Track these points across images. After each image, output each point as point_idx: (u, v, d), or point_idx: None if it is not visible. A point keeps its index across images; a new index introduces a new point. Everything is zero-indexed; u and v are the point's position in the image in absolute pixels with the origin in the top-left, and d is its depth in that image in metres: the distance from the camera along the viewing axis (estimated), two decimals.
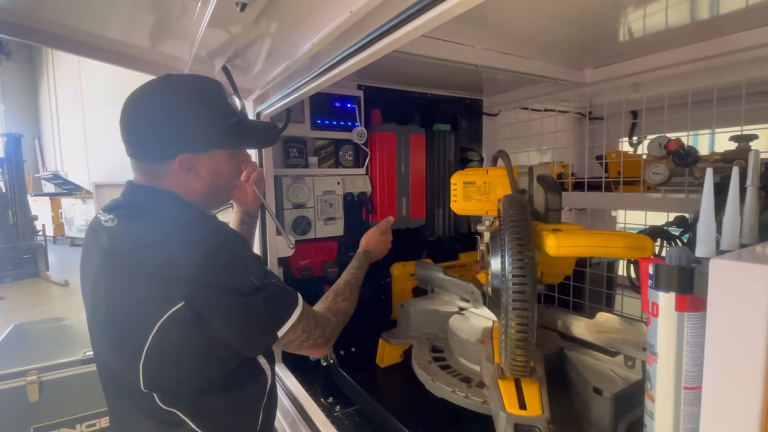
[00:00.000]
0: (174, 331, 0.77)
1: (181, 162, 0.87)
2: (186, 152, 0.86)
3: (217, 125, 0.89)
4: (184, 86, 0.89)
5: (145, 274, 0.79)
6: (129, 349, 0.80)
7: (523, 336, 0.79)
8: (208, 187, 0.92)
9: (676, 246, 0.53)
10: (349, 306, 1.09)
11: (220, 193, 0.98)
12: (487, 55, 1.30)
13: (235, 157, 0.97)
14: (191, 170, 0.89)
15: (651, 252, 0.76)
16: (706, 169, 0.57)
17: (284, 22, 0.93)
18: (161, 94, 0.87)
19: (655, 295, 0.55)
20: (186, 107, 0.87)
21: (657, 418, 0.56)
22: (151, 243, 0.80)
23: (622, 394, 0.88)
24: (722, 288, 0.44)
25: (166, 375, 0.82)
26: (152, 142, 0.86)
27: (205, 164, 0.90)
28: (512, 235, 0.82)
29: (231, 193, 1.03)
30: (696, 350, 0.51)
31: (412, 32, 0.68)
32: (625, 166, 1.60)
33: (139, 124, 0.86)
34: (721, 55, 1.23)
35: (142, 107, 0.87)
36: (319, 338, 0.94)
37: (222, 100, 0.91)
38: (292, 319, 0.87)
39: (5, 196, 7.25)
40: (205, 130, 0.89)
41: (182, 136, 0.86)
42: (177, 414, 0.83)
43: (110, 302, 0.84)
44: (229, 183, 0.99)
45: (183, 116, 0.86)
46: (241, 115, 0.95)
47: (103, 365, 0.91)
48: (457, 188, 1.17)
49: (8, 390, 1.76)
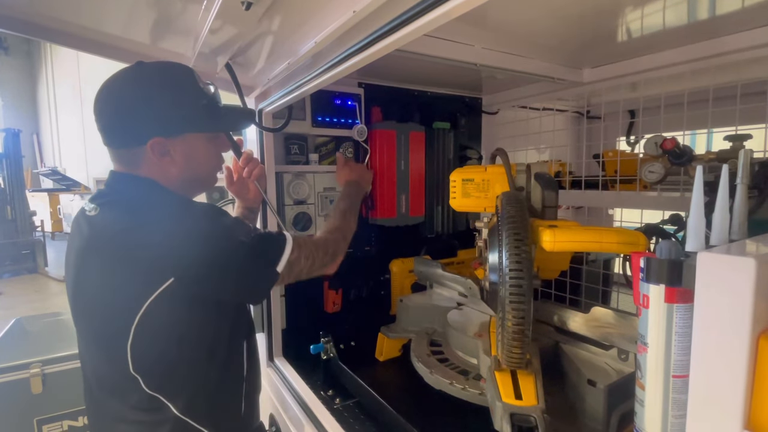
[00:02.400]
0: (163, 310, 0.79)
1: (152, 147, 0.87)
2: (157, 136, 0.87)
3: (189, 108, 0.91)
4: (154, 72, 0.91)
5: (129, 257, 0.80)
6: (115, 331, 0.82)
7: (520, 329, 0.81)
8: (185, 172, 0.93)
9: (666, 240, 0.55)
10: (342, 223, 1.14)
11: (199, 179, 0.98)
12: (487, 54, 1.31)
13: (212, 142, 0.98)
14: (165, 155, 0.89)
15: (644, 247, 0.78)
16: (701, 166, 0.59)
17: (288, 20, 0.95)
18: (131, 80, 0.88)
19: (645, 288, 0.57)
20: (156, 92, 0.88)
21: (647, 405, 0.58)
22: (132, 227, 0.81)
23: (615, 386, 0.90)
24: (709, 279, 0.46)
25: (153, 355, 0.83)
26: (124, 128, 0.87)
27: (179, 149, 0.90)
28: (509, 231, 0.84)
29: (212, 179, 1.03)
30: (684, 340, 0.53)
31: (414, 32, 0.70)
32: (622, 165, 1.62)
33: (111, 111, 0.87)
34: (717, 56, 1.25)
35: (113, 94, 0.88)
36: (324, 257, 1.01)
37: (193, 84, 0.92)
38: (286, 253, 0.90)
39: (3, 191, 7.25)
40: (177, 113, 0.89)
41: (152, 120, 0.87)
42: (160, 398, 0.84)
43: (93, 287, 0.85)
44: (208, 168, 0.99)
45: (152, 101, 0.87)
46: (213, 98, 0.95)
47: (87, 355, 0.92)
48: (456, 185, 1.19)
49: (11, 382, 1.78)
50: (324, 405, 1.24)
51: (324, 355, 1.38)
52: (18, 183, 7.29)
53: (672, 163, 1.33)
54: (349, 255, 1.75)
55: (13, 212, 7.28)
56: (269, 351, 1.59)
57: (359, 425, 1.15)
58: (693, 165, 1.31)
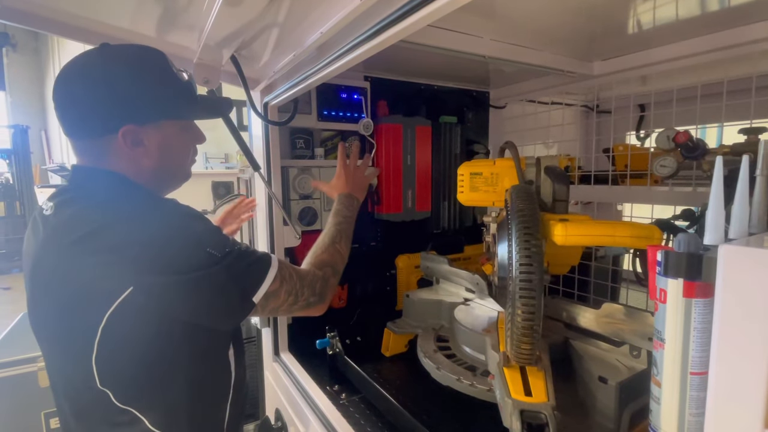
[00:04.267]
0: (126, 321, 0.71)
1: (124, 135, 0.79)
2: (130, 123, 0.79)
3: (164, 94, 0.83)
4: (123, 54, 0.82)
5: (85, 265, 0.71)
6: (79, 345, 0.74)
7: (530, 324, 0.79)
8: (159, 164, 0.85)
9: (685, 233, 0.53)
10: (333, 257, 1.01)
11: (173, 172, 0.91)
12: (496, 46, 1.29)
13: (187, 131, 0.91)
14: (138, 145, 0.81)
15: (659, 241, 0.77)
16: (714, 160, 0.57)
17: (293, 11, 0.93)
18: (98, 63, 0.80)
19: (662, 282, 0.55)
20: (127, 75, 0.79)
21: (663, 403, 0.56)
22: (89, 232, 0.71)
23: (627, 383, 0.88)
24: (731, 273, 0.45)
25: (121, 369, 0.76)
26: (91, 115, 0.78)
27: (153, 137, 0.82)
28: (520, 224, 0.82)
29: (185, 171, 0.94)
30: (703, 336, 0.52)
31: (421, 20, 0.68)
32: (633, 159, 1.59)
33: (76, 97, 0.78)
34: (731, 47, 1.22)
35: (78, 78, 0.79)
36: (310, 297, 0.86)
37: (166, 68, 0.84)
38: (267, 282, 0.78)
39: (12, 187, 7.32)
40: (151, 99, 0.81)
41: (124, 106, 0.79)
42: (133, 412, 0.76)
43: (50, 298, 0.76)
44: (182, 159, 0.92)
45: (124, 85, 0.78)
46: (188, 85, 0.89)
47: (54, 369, 0.84)
48: (464, 179, 1.17)
49: (19, 376, 1.79)
50: (330, 400, 1.24)
51: (330, 350, 1.38)
52: (27, 179, 7.35)
53: (684, 157, 1.30)
54: (355, 250, 1.75)
55: (22, 208, 7.36)
56: (275, 346, 1.58)
57: (365, 420, 1.14)
58: (706, 159, 1.28)
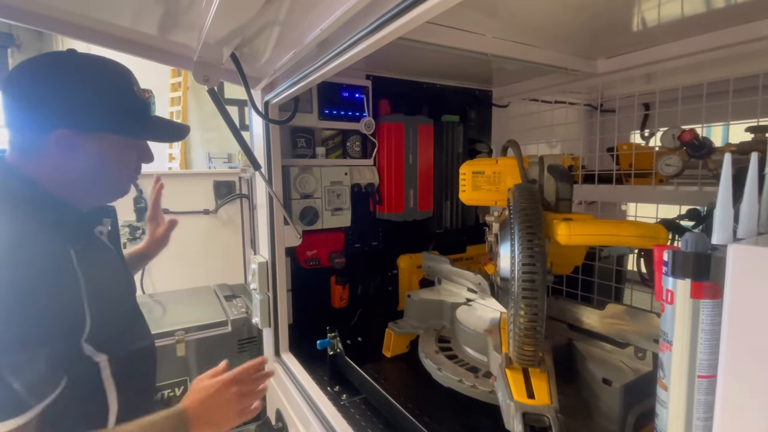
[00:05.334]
0: None
1: (57, 138, 0.78)
2: (66, 127, 0.78)
3: (113, 108, 0.83)
4: (83, 61, 0.82)
5: None
6: None
7: (532, 325, 0.78)
8: (90, 174, 0.83)
9: (692, 232, 0.52)
10: None
11: (104, 184, 0.88)
12: (498, 44, 1.28)
13: (134, 149, 0.90)
14: (70, 150, 0.80)
15: (665, 241, 0.75)
16: (722, 158, 0.56)
17: (293, 7, 0.92)
18: (56, 63, 0.80)
19: (669, 283, 0.54)
20: (79, 82, 0.80)
21: (670, 406, 0.55)
22: None
23: (631, 385, 0.87)
24: (741, 273, 0.43)
25: None
26: (31, 110, 0.78)
27: (89, 147, 0.81)
28: (522, 224, 0.81)
29: (120, 187, 0.92)
30: (711, 338, 0.50)
31: (421, 16, 0.67)
32: (637, 158, 1.57)
33: (22, 89, 0.78)
34: (737, 45, 1.20)
35: (30, 73, 0.79)
36: None
37: (123, 84, 0.85)
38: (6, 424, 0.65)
39: None
40: (97, 109, 0.81)
41: (66, 109, 0.78)
42: None
43: None
44: (119, 175, 0.89)
45: (73, 90, 0.79)
46: (143, 104, 0.88)
47: None
48: (466, 178, 1.16)
49: None
50: (330, 401, 1.23)
51: (331, 350, 1.37)
52: None
53: (690, 156, 1.29)
54: (357, 250, 1.75)
55: None
56: (276, 346, 1.58)
57: (366, 422, 1.13)
58: (712, 158, 1.27)
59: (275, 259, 1.51)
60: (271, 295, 1.54)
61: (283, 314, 1.55)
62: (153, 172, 2.88)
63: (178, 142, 5.21)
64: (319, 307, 1.68)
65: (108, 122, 0.83)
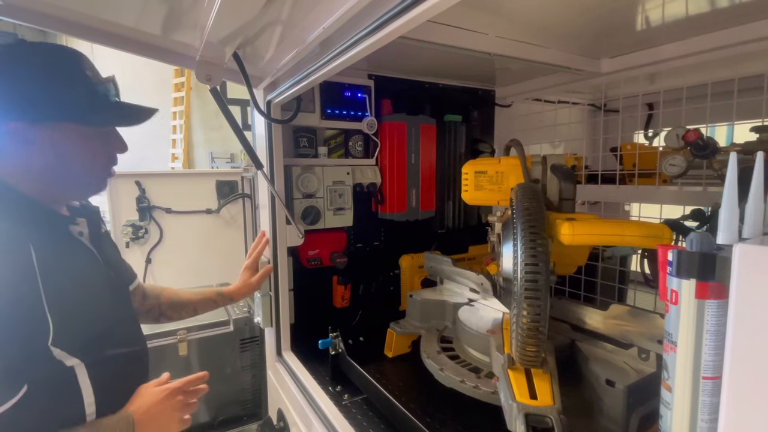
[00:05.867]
0: None
1: (11, 132, 0.76)
2: (19, 120, 0.76)
3: (66, 96, 0.80)
4: (31, 52, 0.80)
5: None
6: None
7: (535, 326, 0.78)
8: (53, 166, 0.80)
9: (697, 232, 0.51)
10: None
11: (71, 178, 0.84)
12: (501, 43, 1.27)
13: (99, 139, 0.86)
14: (27, 143, 0.78)
15: (669, 241, 0.75)
16: (726, 158, 0.55)
17: (295, 6, 0.92)
18: (3, 57, 0.78)
19: (674, 283, 0.53)
20: (24, 71, 0.77)
21: (674, 408, 0.54)
22: None
23: (635, 386, 0.86)
24: (747, 273, 0.43)
25: None
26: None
27: (48, 138, 0.79)
28: (525, 224, 0.80)
29: (91, 180, 0.89)
30: (716, 339, 0.50)
31: (423, 14, 0.67)
32: (641, 158, 1.56)
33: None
34: (741, 44, 1.20)
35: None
36: None
37: (75, 70, 0.81)
38: None
39: None
40: (49, 98, 0.78)
41: (16, 101, 0.76)
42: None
43: None
44: (87, 167, 0.85)
45: (19, 79, 0.76)
46: (101, 89, 0.85)
47: None
48: (469, 178, 1.15)
49: None
50: (332, 401, 1.22)
51: (332, 350, 1.36)
52: None
53: (694, 156, 1.27)
54: (359, 250, 1.75)
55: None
56: (278, 345, 1.57)
57: (367, 422, 1.13)
58: (717, 158, 1.26)
59: (277, 259, 1.51)
60: (273, 294, 1.54)
61: (284, 314, 1.55)
62: (155, 172, 2.91)
63: (181, 143, 5.23)
64: (320, 307, 1.67)
65: (58, 110, 0.79)
